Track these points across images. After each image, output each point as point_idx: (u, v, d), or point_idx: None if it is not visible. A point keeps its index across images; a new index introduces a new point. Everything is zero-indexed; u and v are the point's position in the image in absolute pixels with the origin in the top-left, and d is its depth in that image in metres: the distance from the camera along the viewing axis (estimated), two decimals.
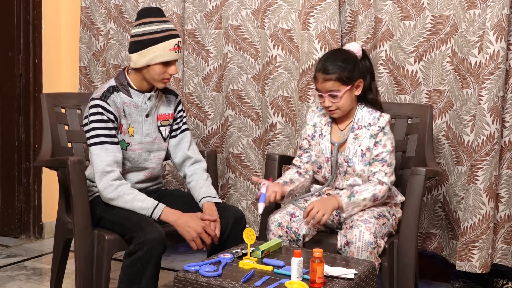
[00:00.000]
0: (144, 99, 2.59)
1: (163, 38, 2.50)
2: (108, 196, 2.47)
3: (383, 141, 2.51)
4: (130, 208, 2.46)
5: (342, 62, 2.49)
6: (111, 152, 2.49)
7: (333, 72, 2.48)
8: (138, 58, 2.51)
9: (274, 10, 3.25)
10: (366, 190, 2.46)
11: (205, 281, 2.01)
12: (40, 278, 3.33)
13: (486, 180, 2.79)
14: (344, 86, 2.49)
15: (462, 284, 3.13)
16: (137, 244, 2.34)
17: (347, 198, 2.44)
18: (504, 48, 2.73)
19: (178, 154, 2.74)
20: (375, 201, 2.48)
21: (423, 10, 2.95)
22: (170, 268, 3.45)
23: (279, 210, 2.56)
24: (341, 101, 2.50)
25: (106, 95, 2.52)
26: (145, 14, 2.55)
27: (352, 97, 2.53)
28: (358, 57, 2.55)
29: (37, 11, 3.91)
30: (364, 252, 2.31)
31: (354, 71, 2.50)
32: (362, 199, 2.45)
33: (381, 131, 2.51)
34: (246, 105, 3.42)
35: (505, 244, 2.90)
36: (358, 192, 2.46)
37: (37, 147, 3.91)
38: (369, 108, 2.57)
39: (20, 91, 3.96)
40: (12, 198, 4.03)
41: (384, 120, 2.53)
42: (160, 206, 2.47)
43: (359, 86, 2.54)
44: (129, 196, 2.47)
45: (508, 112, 2.83)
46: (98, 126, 2.49)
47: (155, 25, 2.50)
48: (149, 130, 2.63)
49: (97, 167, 2.47)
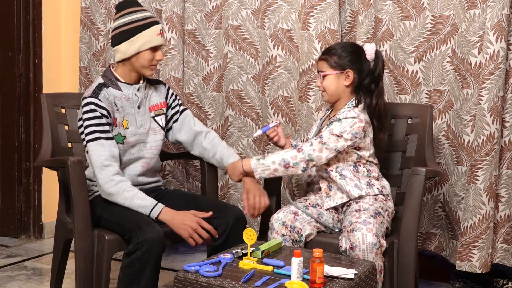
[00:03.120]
0: (134, 91, 2.63)
1: (150, 24, 2.57)
2: (108, 190, 2.47)
3: (332, 126, 2.53)
4: (128, 205, 2.46)
5: (340, 48, 2.59)
6: (107, 147, 2.50)
7: (327, 53, 2.60)
8: (128, 46, 2.55)
9: (274, 10, 3.25)
10: (277, 154, 2.52)
11: (205, 281, 2.01)
12: (40, 278, 3.33)
13: (486, 180, 2.79)
14: (330, 69, 2.57)
15: (462, 284, 3.13)
16: (136, 244, 2.35)
17: (256, 160, 2.55)
18: (504, 48, 2.73)
19: (185, 133, 2.79)
20: (286, 167, 2.50)
21: (423, 10, 2.95)
22: (170, 268, 3.45)
23: (281, 209, 2.56)
24: (325, 82, 2.58)
25: (97, 92, 2.55)
26: (126, 5, 2.61)
27: (338, 84, 2.58)
28: (368, 55, 2.58)
29: (37, 11, 3.91)
30: (369, 254, 2.31)
31: (345, 59, 2.56)
32: (271, 162, 2.51)
33: (336, 120, 2.54)
34: (246, 105, 3.42)
35: (505, 244, 2.90)
36: (269, 156, 2.54)
37: (37, 147, 3.91)
38: (352, 104, 2.59)
39: (20, 91, 3.96)
40: (12, 198, 4.03)
41: (345, 114, 2.53)
42: (159, 206, 2.47)
43: (349, 77, 2.57)
44: (129, 193, 2.47)
45: (508, 112, 2.83)
46: (92, 123, 2.50)
47: (138, 14, 2.58)
48: (142, 121, 2.66)
49: (95, 162, 2.48)
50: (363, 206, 2.49)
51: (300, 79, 3.19)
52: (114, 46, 2.60)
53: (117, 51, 2.59)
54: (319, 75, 2.61)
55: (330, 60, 2.57)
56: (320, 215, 2.59)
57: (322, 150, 2.50)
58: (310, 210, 2.58)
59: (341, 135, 2.50)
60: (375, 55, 2.59)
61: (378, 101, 2.58)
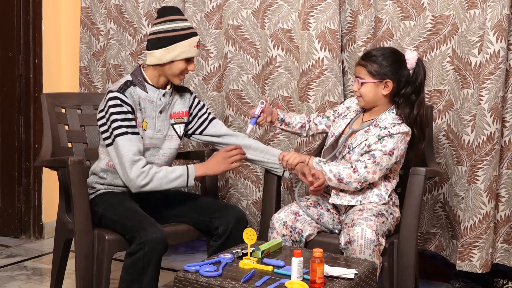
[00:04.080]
0: (159, 95, 2.63)
1: (188, 35, 2.57)
2: (142, 182, 2.48)
3: (385, 142, 2.49)
4: (166, 182, 2.51)
5: (381, 56, 2.52)
6: (134, 142, 2.51)
7: (367, 59, 2.54)
8: (164, 53, 2.55)
9: (274, 10, 3.25)
10: (336, 165, 2.51)
11: (205, 281, 2.01)
12: (40, 278, 3.33)
13: (487, 180, 2.79)
14: (369, 77, 2.52)
15: (463, 284, 3.13)
16: (138, 244, 2.35)
17: (318, 160, 2.55)
18: (504, 48, 2.73)
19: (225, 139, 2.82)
20: (339, 181, 2.49)
21: (423, 10, 2.95)
22: (170, 268, 3.45)
23: (282, 209, 2.56)
24: (362, 89, 2.54)
25: (124, 88, 2.55)
26: (168, 11, 2.61)
27: (377, 92, 2.54)
28: (408, 64, 2.53)
29: (37, 11, 3.91)
30: (366, 250, 2.31)
31: (386, 68, 2.50)
32: (329, 170, 2.50)
33: (388, 135, 2.50)
34: (246, 105, 3.42)
35: (506, 243, 2.90)
36: (329, 163, 2.53)
37: (37, 147, 3.91)
38: (396, 116, 2.55)
39: (20, 91, 3.96)
40: (12, 198, 4.03)
41: (398, 129, 2.49)
42: (191, 167, 2.57)
43: (387, 86, 2.52)
44: (161, 173, 2.52)
45: (508, 112, 2.83)
46: (119, 117, 2.51)
47: (179, 23, 2.57)
48: (161, 127, 2.65)
49: (125, 157, 2.48)
50: (367, 206, 2.49)
51: (300, 79, 3.19)
52: (149, 50, 2.59)
53: (152, 55, 2.58)
54: (357, 80, 2.55)
55: (370, 67, 2.51)
56: (321, 215, 2.59)
57: (376, 172, 2.49)
58: (311, 210, 2.58)
59: (393, 152, 2.49)
60: (416, 64, 2.54)
61: (420, 111, 2.54)
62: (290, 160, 2.58)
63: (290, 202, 2.97)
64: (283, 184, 3.26)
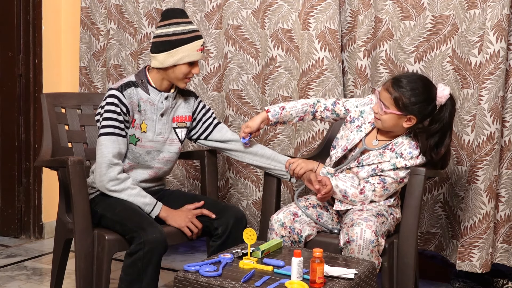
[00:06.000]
0: (161, 98, 2.62)
1: (192, 39, 2.55)
2: (111, 188, 2.51)
3: (399, 171, 2.50)
4: (133, 201, 2.51)
5: (411, 90, 2.41)
6: (117, 143, 2.52)
7: (396, 89, 2.42)
8: (166, 57, 2.54)
9: (274, 10, 3.25)
10: (343, 182, 2.51)
11: (205, 281, 2.01)
12: (40, 278, 3.33)
13: (486, 180, 2.79)
14: (394, 108, 2.44)
15: (463, 284, 3.13)
16: (138, 244, 2.35)
17: (326, 172, 2.55)
18: (504, 48, 2.73)
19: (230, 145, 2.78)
20: (344, 197, 2.51)
21: (423, 10, 2.95)
22: (170, 268, 3.45)
23: (281, 210, 2.56)
24: (384, 116, 2.47)
25: (124, 88, 2.56)
26: (171, 14, 2.59)
27: (398, 123, 2.47)
28: (438, 101, 2.44)
29: (37, 11, 3.91)
30: (365, 250, 2.31)
31: (414, 106, 2.41)
32: (335, 185, 2.50)
33: (404, 168, 2.50)
34: (246, 105, 3.42)
35: (505, 243, 2.90)
36: (339, 177, 2.52)
37: (37, 147, 3.91)
38: (413, 141, 2.51)
39: (20, 91, 3.96)
40: (12, 198, 4.03)
41: (415, 162, 2.49)
42: (159, 204, 2.56)
43: (410, 121, 2.46)
44: (134, 191, 2.53)
45: (508, 112, 2.83)
46: (110, 116, 2.52)
47: (182, 26, 2.55)
48: (162, 130, 2.65)
49: (104, 157, 2.49)
50: (367, 207, 2.49)
51: (300, 79, 3.19)
52: (152, 53, 2.58)
53: (155, 58, 2.57)
54: (381, 104, 2.46)
55: (396, 98, 2.41)
56: (320, 215, 2.59)
57: (383, 196, 2.52)
58: (310, 210, 2.58)
59: (404, 180, 2.51)
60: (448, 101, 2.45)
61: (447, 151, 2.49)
62: (297, 170, 2.60)
63: (290, 202, 2.97)
64: (283, 184, 3.25)
